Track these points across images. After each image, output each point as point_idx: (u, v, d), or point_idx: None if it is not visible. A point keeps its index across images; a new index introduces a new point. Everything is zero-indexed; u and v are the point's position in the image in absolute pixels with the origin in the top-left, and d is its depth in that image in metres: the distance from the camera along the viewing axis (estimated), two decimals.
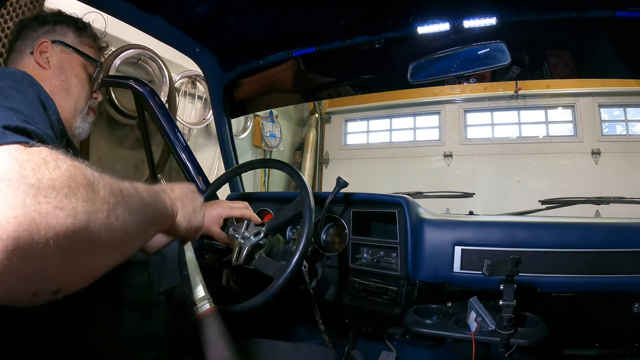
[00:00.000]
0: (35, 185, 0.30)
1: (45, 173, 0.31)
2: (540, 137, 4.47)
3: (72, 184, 0.33)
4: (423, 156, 4.92)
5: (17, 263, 0.28)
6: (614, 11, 1.12)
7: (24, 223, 0.28)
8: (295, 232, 1.38)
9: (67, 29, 0.88)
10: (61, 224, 0.31)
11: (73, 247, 0.32)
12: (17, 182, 0.29)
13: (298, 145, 5.50)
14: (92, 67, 0.90)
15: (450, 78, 1.41)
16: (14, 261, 0.28)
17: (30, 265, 0.29)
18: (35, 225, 0.29)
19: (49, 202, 0.30)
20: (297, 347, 0.99)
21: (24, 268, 0.29)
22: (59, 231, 0.31)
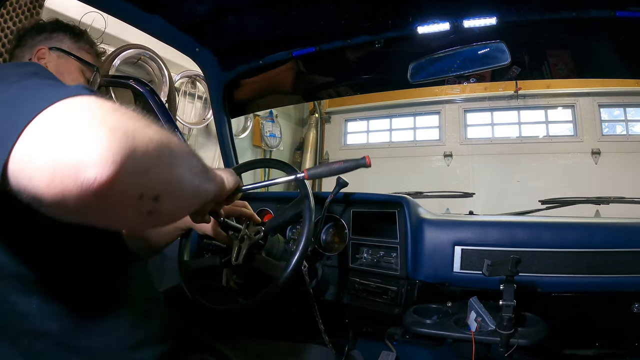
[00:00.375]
0: (126, 113, 0.38)
1: (122, 115, 0.38)
2: (540, 137, 4.47)
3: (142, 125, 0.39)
4: (423, 156, 4.92)
5: (127, 157, 0.35)
6: (614, 11, 1.12)
7: (129, 131, 0.36)
8: (295, 232, 1.38)
9: (63, 36, 0.91)
10: (152, 134, 0.39)
11: (164, 154, 0.40)
12: (113, 109, 0.37)
13: (298, 145, 5.50)
14: (89, 71, 0.92)
15: (450, 78, 1.41)
16: (124, 156, 0.34)
17: (136, 161, 0.36)
18: (135, 131, 0.36)
19: (140, 121, 0.38)
20: (297, 346, 0.99)
21: (132, 163, 0.35)
22: (152, 138, 0.38)
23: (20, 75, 0.47)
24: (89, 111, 0.36)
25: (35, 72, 0.50)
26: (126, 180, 0.35)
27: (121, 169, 0.34)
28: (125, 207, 0.37)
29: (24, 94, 0.39)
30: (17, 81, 0.44)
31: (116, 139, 0.34)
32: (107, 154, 0.33)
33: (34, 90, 0.39)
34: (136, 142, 0.36)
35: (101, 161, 0.33)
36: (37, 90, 0.39)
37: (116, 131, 0.35)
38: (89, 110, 0.36)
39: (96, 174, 0.33)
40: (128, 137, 0.35)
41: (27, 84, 0.42)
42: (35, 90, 0.39)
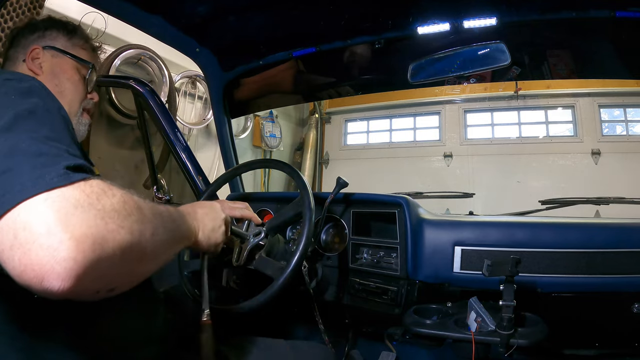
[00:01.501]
0: (101, 210, 0.41)
1: (106, 200, 0.42)
2: (540, 138, 4.46)
3: (127, 208, 0.44)
4: (423, 156, 4.92)
5: (91, 269, 0.38)
6: (614, 11, 1.12)
7: (97, 239, 0.39)
8: (295, 232, 1.38)
9: (57, 34, 0.89)
10: (122, 238, 0.42)
11: (129, 256, 0.43)
12: (88, 208, 0.40)
13: (298, 146, 5.50)
14: (84, 68, 0.90)
15: (450, 78, 1.41)
16: (88, 267, 0.38)
17: (99, 270, 0.39)
18: (105, 241, 0.40)
19: (113, 222, 0.41)
20: (296, 345, 0.99)
21: (95, 272, 0.39)
22: (121, 244, 0.41)
23: (16, 118, 0.47)
24: (66, 215, 0.38)
25: (32, 111, 0.50)
26: (84, 287, 0.39)
27: (82, 281, 0.38)
28: (79, 298, 0.40)
29: (7, 164, 0.42)
30: (10, 128, 0.45)
31: (83, 254, 0.38)
32: (71, 270, 0.37)
33: (17, 168, 0.41)
34: (103, 253, 0.39)
35: (65, 276, 0.37)
36: (18, 173, 0.41)
37: (86, 244, 0.38)
38: (66, 214, 0.38)
39: (59, 286, 0.37)
40: (96, 249, 0.39)
41: (14, 146, 0.44)
42: (19, 170, 0.41)
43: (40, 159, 0.43)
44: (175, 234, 0.60)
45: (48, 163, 0.43)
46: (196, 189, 1.71)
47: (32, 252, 0.37)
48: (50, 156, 0.44)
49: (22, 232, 0.38)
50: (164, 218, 0.53)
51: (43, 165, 0.42)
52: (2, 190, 0.40)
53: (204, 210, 0.78)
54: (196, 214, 0.75)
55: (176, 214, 0.63)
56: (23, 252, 0.37)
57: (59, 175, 0.41)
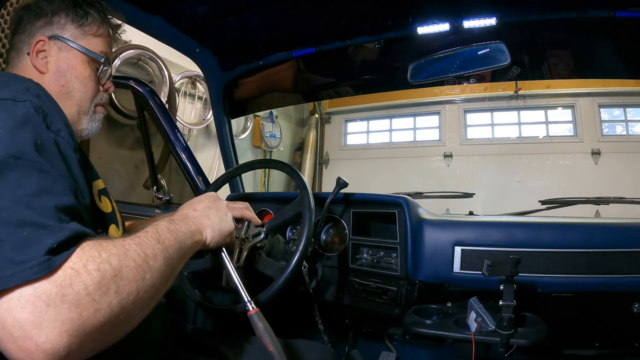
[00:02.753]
0: (74, 300, 0.40)
1: (79, 284, 0.41)
2: (540, 137, 4.47)
3: (103, 283, 0.43)
4: (423, 156, 4.92)
5: (73, 354, 0.40)
6: (614, 11, 1.12)
7: (74, 332, 0.40)
8: (295, 233, 1.38)
9: (65, 20, 0.76)
10: (101, 321, 0.42)
11: (113, 327, 0.44)
12: (60, 303, 0.39)
13: (298, 146, 5.50)
14: (97, 62, 0.79)
15: (450, 78, 1.41)
16: (70, 356, 0.40)
17: (84, 350, 0.42)
18: (82, 330, 0.40)
19: (87, 308, 0.41)
20: (296, 344, 0.99)
21: (80, 353, 0.41)
22: (101, 325, 0.42)
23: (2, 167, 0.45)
24: (37, 314, 0.39)
25: (19, 157, 0.46)
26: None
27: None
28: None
29: None
30: None
31: (62, 348, 0.39)
32: None
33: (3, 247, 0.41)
34: (83, 337, 0.41)
35: None
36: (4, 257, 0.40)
37: (61, 339, 0.39)
38: (38, 312, 0.39)
39: None
40: (73, 339, 0.40)
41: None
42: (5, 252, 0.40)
43: (23, 232, 0.41)
44: (184, 249, 0.61)
45: (30, 242, 0.41)
46: (196, 189, 1.71)
47: (13, 351, 0.39)
48: (33, 227, 0.42)
49: (1, 331, 0.39)
50: (167, 245, 0.54)
51: (24, 246, 0.41)
52: None
53: (203, 204, 0.75)
54: (196, 212, 0.72)
55: (181, 228, 0.63)
56: (5, 347, 0.39)
57: (39, 265, 0.40)
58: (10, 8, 1.66)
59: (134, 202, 2.50)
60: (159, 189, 1.83)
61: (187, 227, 0.65)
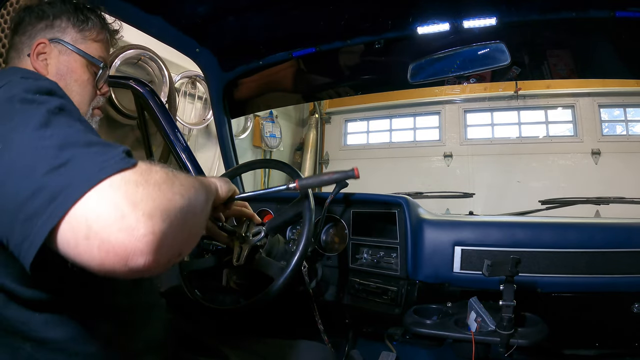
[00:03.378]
0: (155, 184, 0.43)
1: (155, 175, 0.45)
2: (540, 137, 4.46)
3: (170, 177, 0.47)
4: (423, 156, 4.92)
5: (165, 238, 0.41)
6: (614, 11, 1.12)
7: (163, 209, 0.42)
8: (295, 232, 1.38)
9: (66, 24, 0.78)
10: (180, 203, 0.45)
11: (187, 218, 0.47)
12: (146, 185, 0.42)
13: (298, 146, 5.50)
14: (95, 66, 0.81)
15: (450, 78, 1.41)
16: (164, 237, 0.41)
17: (171, 237, 0.42)
18: (168, 209, 0.43)
19: (169, 191, 0.44)
20: (296, 344, 0.99)
21: (169, 240, 0.42)
22: (181, 208, 0.45)
23: (50, 114, 0.47)
24: (132, 195, 0.41)
25: (62, 108, 0.50)
26: (164, 257, 0.42)
27: (162, 251, 0.41)
28: (157, 270, 0.43)
29: (64, 155, 0.43)
30: (48, 124, 0.46)
31: (158, 226, 0.40)
32: (152, 243, 0.40)
33: (76, 158, 0.43)
34: (170, 220, 0.42)
35: (149, 250, 0.39)
36: (80, 162, 0.42)
37: (157, 217, 0.41)
38: (132, 194, 0.41)
39: (144, 261, 0.40)
40: (165, 219, 0.42)
41: (64, 139, 0.44)
42: (78, 160, 0.43)
43: (93, 148, 0.44)
44: (206, 193, 0.62)
45: (104, 151, 0.44)
46: None
47: (112, 236, 0.38)
48: (100, 145, 0.46)
49: (96, 220, 0.39)
50: (195, 182, 0.56)
51: (99, 154, 0.44)
52: (65, 181, 0.40)
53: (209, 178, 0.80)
54: (207, 179, 0.76)
55: (197, 178, 0.65)
56: (102, 239, 0.38)
57: (121, 160, 0.43)
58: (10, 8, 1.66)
59: None
60: None
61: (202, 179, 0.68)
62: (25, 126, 0.45)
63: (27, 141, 0.44)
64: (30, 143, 0.44)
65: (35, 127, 0.45)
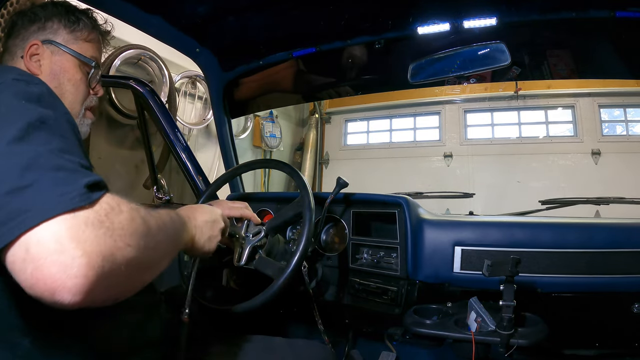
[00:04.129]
0: (110, 228, 0.43)
1: (115, 218, 0.44)
2: (540, 138, 4.46)
3: (134, 225, 0.46)
4: (423, 156, 4.92)
5: (100, 283, 0.41)
6: (614, 11, 1.12)
7: (107, 255, 0.41)
8: (296, 232, 1.38)
9: (58, 25, 0.80)
10: (129, 255, 0.44)
11: (135, 270, 0.46)
12: (99, 226, 0.42)
13: (298, 146, 5.50)
14: (87, 66, 0.83)
15: (451, 78, 1.41)
16: (98, 282, 0.40)
17: (107, 283, 0.42)
18: (113, 256, 0.42)
19: (121, 240, 0.43)
20: (296, 344, 0.99)
21: (104, 285, 0.42)
22: (128, 260, 0.44)
23: (29, 127, 0.47)
24: (78, 232, 0.40)
25: (43, 121, 0.49)
26: (92, 300, 0.42)
27: (91, 295, 0.41)
28: (88, 307, 0.43)
29: (27, 178, 0.42)
30: (23, 138, 0.45)
31: (94, 270, 0.40)
32: (82, 286, 0.39)
33: (37, 183, 0.42)
34: (112, 268, 0.42)
35: (76, 291, 0.39)
36: (39, 190, 0.42)
37: (96, 261, 0.40)
38: (78, 231, 0.41)
39: (70, 299, 0.40)
40: (105, 265, 0.41)
41: (32, 159, 0.44)
42: (38, 186, 0.42)
43: (59, 174, 0.44)
44: (176, 243, 0.64)
45: (68, 180, 0.44)
46: (196, 189, 1.71)
47: (45, 267, 0.39)
48: (68, 171, 0.45)
49: (35, 247, 0.39)
50: (168, 230, 0.56)
51: (64, 183, 0.43)
52: (24, 206, 0.41)
53: (204, 217, 0.78)
54: (196, 221, 0.76)
55: (178, 222, 0.66)
56: (35, 266, 0.39)
57: (80, 195, 0.43)
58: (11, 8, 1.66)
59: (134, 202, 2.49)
60: (159, 189, 1.83)
61: (182, 228, 0.69)
62: (0, 137, 0.45)
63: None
64: (0, 155, 0.44)
65: (9, 140, 0.45)
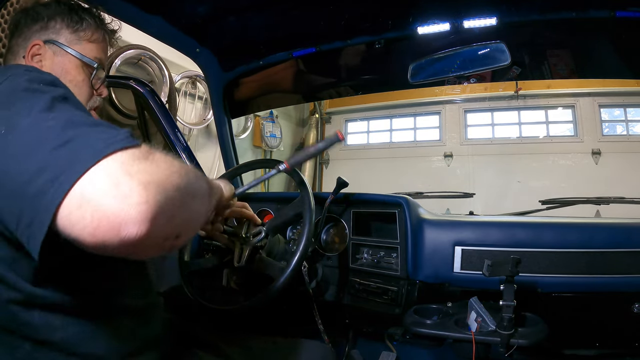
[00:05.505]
0: (153, 160, 0.44)
1: (155, 155, 0.45)
2: (541, 137, 4.46)
3: (169, 159, 0.47)
4: (423, 156, 4.92)
5: (160, 210, 0.41)
6: (614, 11, 1.12)
7: (160, 183, 0.42)
8: (296, 232, 1.38)
9: (60, 25, 0.78)
10: (177, 181, 0.45)
11: (185, 198, 0.47)
12: (144, 159, 0.43)
13: (298, 146, 5.50)
14: (90, 67, 0.81)
15: (451, 78, 1.41)
16: (158, 209, 0.40)
17: (167, 212, 0.42)
18: (164, 183, 0.43)
19: (166, 168, 0.44)
20: (296, 343, 0.99)
21: (164, 214, 0.41)
22: (178, 186, 0.45)
23: (54, 100, 0.48)
24: (129, 167, 0.41)
25: (66, 97, 0.51)
26: (158, 230, 0.41)
27: (156, 223, 0.40)
28: (152, 248, 0.43)
29: (68, 134, 0.43)
30: (52, 108, 0.47)
31: (152, 196, 0.40)
32: (145, 212, 0.39)
33: (79, 137, 0.43)
34: (167, 195, 0.42)
35: (141, 219, 0.39)
36: (84, 140, 0.43)
37: (152, 188, 0.41)
38: (129, 166, 0.42)
39: (137, 230, 0.39)
40: (160, 192, 0.41)
41: (68, 120, 0.45)
42: (82, 138, 0.43)
43: (99, 128, 0.45)
44: (209, 185, 0.64)
45: (108, 131, 0.45)
46: None
47: (105, 204, 0.38)
48: (105, 126, 0.46)
49: (91, 189, 0.39)
50: (196, 171, 0.56)
51: (104, 132, 0.44)
52: (72, 156, 0.41)
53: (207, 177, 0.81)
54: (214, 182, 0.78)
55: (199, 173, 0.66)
56: (95, 207, 0.39)
57: (126, 138, 0.44)
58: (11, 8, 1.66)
59: None
60: None
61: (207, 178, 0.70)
62: (29, 110, 0.46)
63: (31, 123, 0.45)
64: (34, 124, 0.45)
65: (39, 110, 0.45)
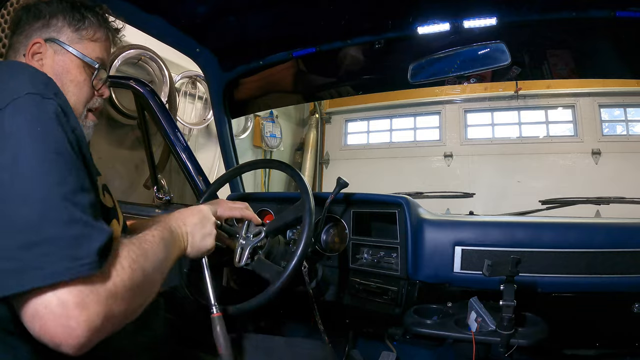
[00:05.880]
0: (113, 291, 0.49)
1: (118, 279, 0.50)
2: (541, 137, 4.47)
3: (134, 277, 0.53)
4: (423, 156, 4.92)
5: (100, 336, 0.48)
6: (614, 11, 1.12)
7: (108, 315, 0.48)
8: (296, 233, 1.38)
9: (62, 23, 0.76)
10: (128, 309, 0.53)
11: (134, 312, 0.54)
12: (103, 292, 0.48)
13: (298, 146, 5.50)
14: (91, 67, 0.78)
15: (451, 78, 1.41)
16: (98, 337, 0.48)
17: (107, 332, 0.49)
18: (113, 313, 0.49)
19: (122, 297, 0.50)
20: (296, 343, 0.99)
21: (104, 335, 0.49)
22: (126, 311, 0.52)
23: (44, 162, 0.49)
24: (84, 297, 0.46)
25: (60, 152, 0.51)
26: (95, 342, 0.48)
27: (93, 343, 0.47)
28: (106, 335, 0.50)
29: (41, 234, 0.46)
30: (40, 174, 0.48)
31: (95, 330, 0.46)
32: (84, 344, 0.46)
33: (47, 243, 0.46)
34: (112, 321, 0.49)
35: (79, 347, 0.46)
36: (50, 248, 0.45)
37: (97, 320, 0.46)
38: (84, 296, 0.46)
39: (72, 353, 0.46)
40: (105, 322, 0.47)
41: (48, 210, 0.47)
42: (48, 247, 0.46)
43: (73, 230, 0.47)
44: (171, 259, 0.69)
45: (81, 241, 0.47)
46: (196, 189, 1.71)
47: (51, 327, 0.44)
48: (81, 226, 0.48)
49: (43, 309, 0.44)
50: (161, 254, 0.61)
51: (75, 245, 0.47)
52: (36, 263, 0.44)
53: (193, 219, 0.80)
54: (186, 226, 0.78)
55: (169, 238, 0.70)
56: (42, 324, 0.44)
57: (90, 263, 0.46)
58: (11, 8, 1.66)
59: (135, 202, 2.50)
60: (159, 189, 1.83)
61: (174, 239, 0.73)
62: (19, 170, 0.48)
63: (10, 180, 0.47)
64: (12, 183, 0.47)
65: (26, 176, 0.47)
